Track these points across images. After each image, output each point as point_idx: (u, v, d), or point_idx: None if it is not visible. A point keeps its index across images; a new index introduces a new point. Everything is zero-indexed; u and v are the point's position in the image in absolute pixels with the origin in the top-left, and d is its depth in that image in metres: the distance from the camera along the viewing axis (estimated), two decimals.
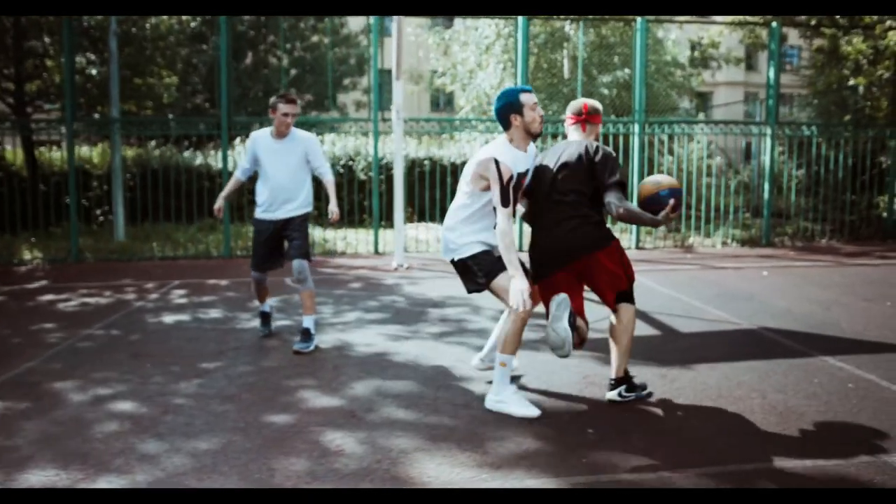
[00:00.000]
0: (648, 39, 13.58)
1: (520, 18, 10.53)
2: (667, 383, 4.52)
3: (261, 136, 5.60)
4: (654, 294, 7.45)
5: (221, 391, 4.44)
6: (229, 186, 5.81)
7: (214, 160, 14.61)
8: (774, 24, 10.92)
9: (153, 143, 15.26)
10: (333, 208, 5.64)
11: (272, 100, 5.52)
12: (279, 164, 5.53)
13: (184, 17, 16.51)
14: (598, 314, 6.31)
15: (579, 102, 4.37)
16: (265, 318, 5.99)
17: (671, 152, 13.18)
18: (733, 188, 12.11)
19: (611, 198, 3.98)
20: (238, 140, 13.67)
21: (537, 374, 4.71)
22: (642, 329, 5.96)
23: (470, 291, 4.16)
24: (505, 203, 3.85)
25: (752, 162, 14.35)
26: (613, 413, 3.97)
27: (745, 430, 3.71)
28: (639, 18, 10.67)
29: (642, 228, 11.60)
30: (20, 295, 7.89)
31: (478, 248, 4.04)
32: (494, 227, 3.98)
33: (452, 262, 4.16)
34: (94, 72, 14.97)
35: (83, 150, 15.94)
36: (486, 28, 14.64)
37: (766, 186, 11.13)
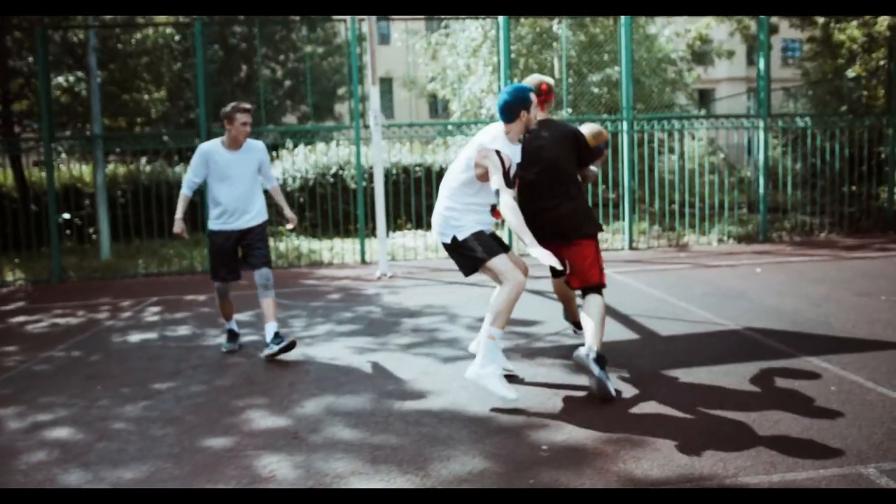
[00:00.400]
0: (636, 35, 13.36)
1: (500, 18, 10.30)
2: (637, 391, 4.25)
3: (214, 148, 5.46)
4: (640, 296, 7.17)
5: (166, 413, 4.21)
6: (182, 205, 5.59)
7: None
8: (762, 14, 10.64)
9: (144, 159, 15.11)
10: (290, 214, 5.76)
11: (226, 110, 5.43)
12: (237, 175, 5.46)
13: (167, 31, 16.35)
14: (559, 325, 6.07)
15: (537, 81, 4.53)
16: (232, 335, 5.78)
17: (672, 150, 12.91)
18: (727, 184, 11.79)
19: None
20: None
21: (480, 390, 4.44)
22: (621, 333, 5.69)
23: (467, 270, 4.27)
24: (509, 185, 4.03)
25: (747, 157, 14.06)
26: (570, 427, 3.71)
27: (713, 442, 3.44)
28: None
29: (636, 228, 11.32)
30: None
31: (478, 227, 4.22)
32: (490, 212, 4.27)
33: (452, 240, 4.23)
34: (79, 89, 14.84)
35: (75, 168, 15.80)
36: (473, 30, 14.41)
37: (762, 181, 10.82)
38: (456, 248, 4.25)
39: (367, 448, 3.53)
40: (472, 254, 4.19)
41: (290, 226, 5.74)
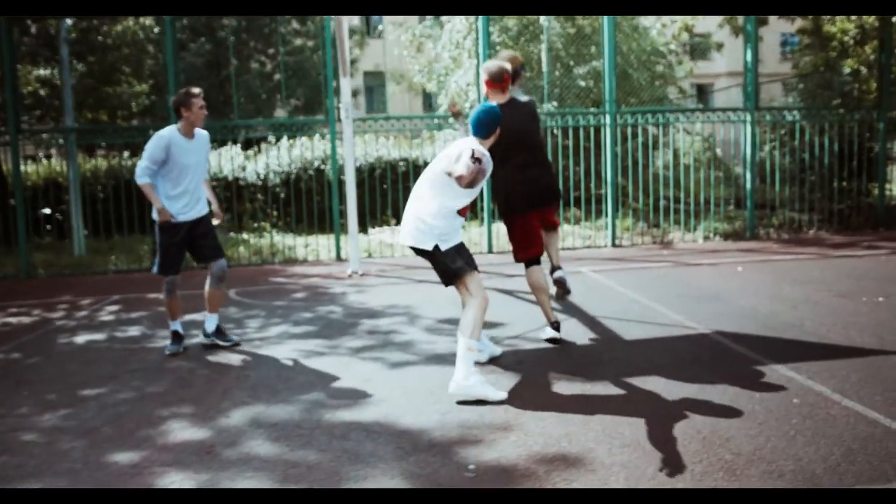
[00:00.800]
0: (624, 27, 13.04)
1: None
2: (585, 402, 3.97)
3: (173, 136, 5.24)
4: (612, 296, 6.89)
5: (83, 424, 3.94)
6: (155, 194, 5.26)
7: None
8: None
9: (127, 153, 14.82)
10: (218, 210, 5.69)
11: (178, 97, 5.26)
12: (192, 163, 5.35)
13: (147, 22, 16.04)
14: (520, 328, 5.83)
15: (505, 63, 4.90)
16: (177, 336, 5.51)
17: (657, 145, 12.57)
18: (713, 179, 11.48)
19: None
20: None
21: (422, 399, 4.16)
22: (582, 336, 5.41)
23: (448, 280, 4.37)
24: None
25: (719, 150, 13.73)
26: (505, 443, 3.43)
27: (654, 462, 3.16)
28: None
29: (619, 224, 11.03)
30: None
31: (459, 239, 4.39)
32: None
33: (434, 248, 4.26)
34: (58, 81, 14.54)
35: (56, 163, 15.51)
36: (458, 22, 14.09)
37: (748, 176, 10.51)
38: (435, 257, 4.31)
39: (282, 465, 3.25)
40: (453, 265, 4.29)
41: (216, 221, 5.59)
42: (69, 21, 11.70)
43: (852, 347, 4.81)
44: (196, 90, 5.28)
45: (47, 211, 13.18)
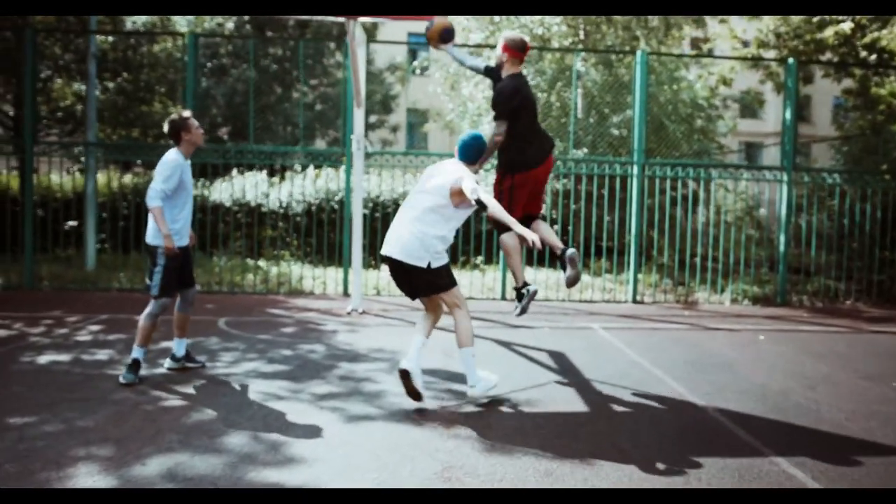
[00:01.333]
0: (660, 76, 12.61)
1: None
2: (548, 479, 3.46)
3: (181, 160, 5.22)
4: (615, 357, 6.36)
5: None
6: (166, 220, 5.15)
7: (208, 191, 13.90)
8: (791, 60, 9.82)
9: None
10: (191, 233, 5.53)
11: (176, 121, 5.22)
12: (190, 187, 5.34)
13: (182, 43, 16.08)
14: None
15: (521, 37, 5.32)
16: (137, 366, 5.17)
17: (686, 199, 12.04)
18: (744, 238, 10.87)
19: None
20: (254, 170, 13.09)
21: (364, 462, 3.69)
22: (569, 402, 4.90)
23: (426, 292, 4.72)
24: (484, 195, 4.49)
25: (763, 210, 13.08)
26: None
27: None
28: (638, 51, 9.70)
29: (640, 281, 10.48)
30: None
31: (448, 259, 4.71)
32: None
33: (427, 266, 4.56)
34: (100, 96, 14.62)
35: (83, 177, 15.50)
36: (492, 61, 13.81)
37: (782, 238, 9.90)
38: (424, 273, 4.59)
39: None
40: (439, 280, 4.64)
41: (191, 243, 5.52)
42: (99, 38, 11.66)
43: (872, 443, 4.22)
44: (187, 113, 5.27)
45: (73, 223, 13.10)
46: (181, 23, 18.22)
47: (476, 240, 12.07)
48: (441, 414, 4.54)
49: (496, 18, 14.45)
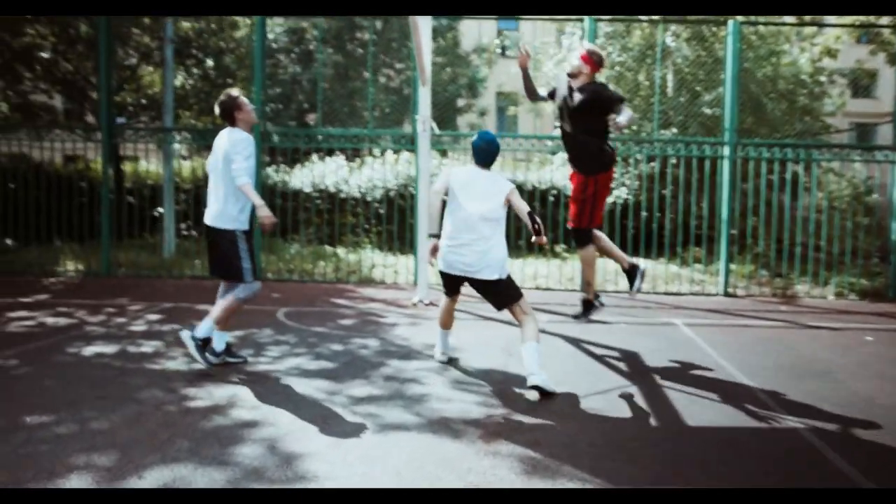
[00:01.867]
0: (759, 51, 11.61)
1: (586, 20, 9.00)
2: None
3: None
4: (694, 358, 5.69)
5: None
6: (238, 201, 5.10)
7: (287, 175, 13.74)
8: None
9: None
10: None
11: (228, 102, 5.07)
12: None
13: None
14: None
15: (601, 52, 6.06)
16: (208, 344, 5.14)
17: (796, 184, 11.04)
18: (851, 226, 9.82)
19: None
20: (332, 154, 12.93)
21: (381, 480, 3.24)
22: (638, 418, 4.31)
23: (508, 302, 4.87)
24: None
25: (875, 195, 11.83)
26: None
27: None
28: (731, 21, 8.81)
29: (733, 271, 9.63)
30: None
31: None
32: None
33: (507, 278, 4.83)
34: (182, 83, 14.76)
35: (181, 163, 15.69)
36: (575, 39, 13.08)
37: (894, 226, 8.85)
38: (500, 285, 4.82)
39: None
40: (514, 291, 4.87)
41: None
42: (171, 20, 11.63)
43: None
44: (236, 92, 5.15)
45: (161, 210, 13.26)
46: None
47: (557, 228, 11.46)
48: (486, 424, 4.04)
49: None
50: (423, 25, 7.95)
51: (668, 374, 5.20)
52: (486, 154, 4.90)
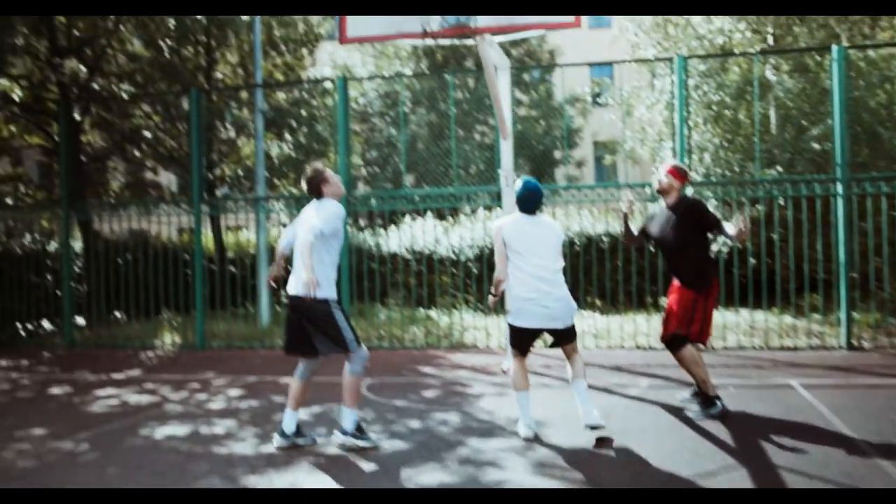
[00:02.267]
0: (871, 77, 10.73)
1: (675, 58, 8.51)
2: None
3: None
4: (816, 430, 4.97)
5: None
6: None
7: (376, 238, 13.71)
8: None
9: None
10: None
11: (315, 176, 4.98)
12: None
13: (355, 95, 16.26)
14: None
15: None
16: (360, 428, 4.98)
17: None
18: None
19: None
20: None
21: None
22: (716, 474, 3.69)
23: (571, 340, 5.04)
24: None
25: None
26: None
27: None
28: (834, 47, 8.11)
29: (856, 321, 8.69)
30: (81, 387, 7.36)
31: None
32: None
33: (564, 327, 4.97)
34: (277, 154, 15.10)
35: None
36: (667, 82, 12.52)
37: None
38: (567, 331, 5.00)
39: None
40: (575, 330, 5.04)
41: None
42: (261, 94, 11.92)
43: None
44: (320, 166, 5.10)
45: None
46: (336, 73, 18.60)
47: (656, 280, 10.79)
48: None
49: (670, 31, 13.24)
50: (502, 77, 7.71)
51: (782, 452, 4.51)
52: (531, 202, 5.04)
